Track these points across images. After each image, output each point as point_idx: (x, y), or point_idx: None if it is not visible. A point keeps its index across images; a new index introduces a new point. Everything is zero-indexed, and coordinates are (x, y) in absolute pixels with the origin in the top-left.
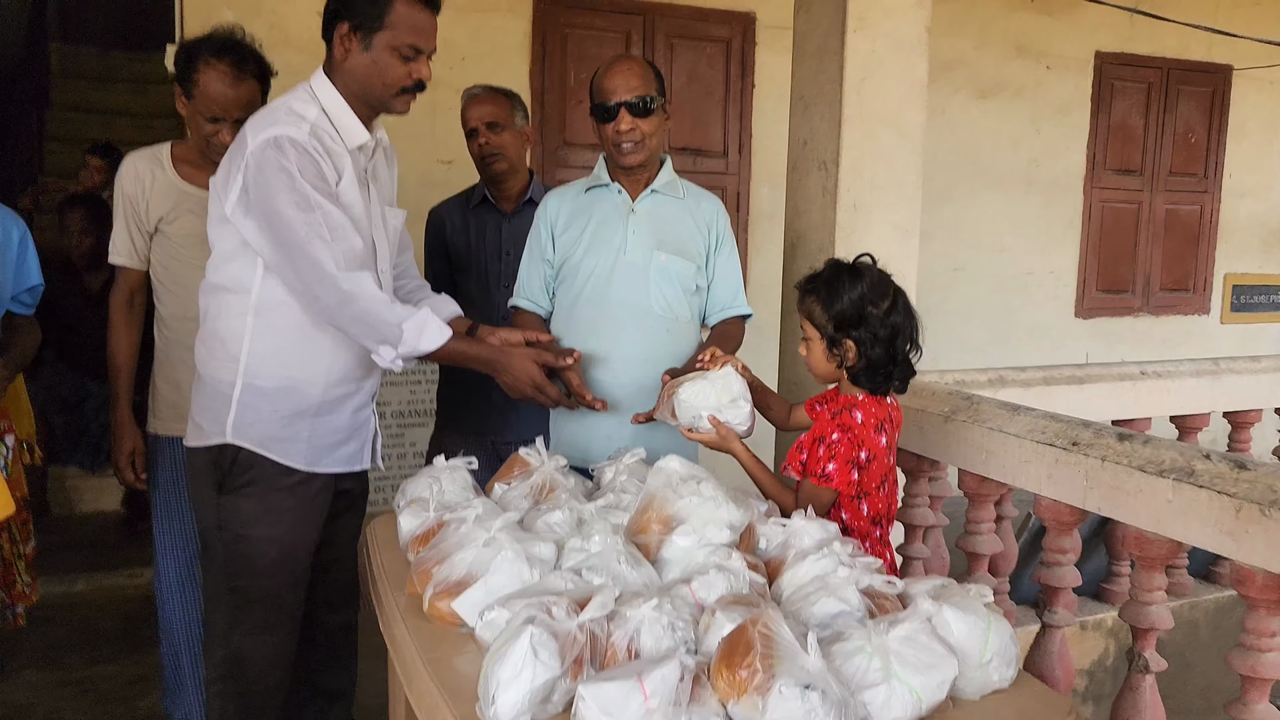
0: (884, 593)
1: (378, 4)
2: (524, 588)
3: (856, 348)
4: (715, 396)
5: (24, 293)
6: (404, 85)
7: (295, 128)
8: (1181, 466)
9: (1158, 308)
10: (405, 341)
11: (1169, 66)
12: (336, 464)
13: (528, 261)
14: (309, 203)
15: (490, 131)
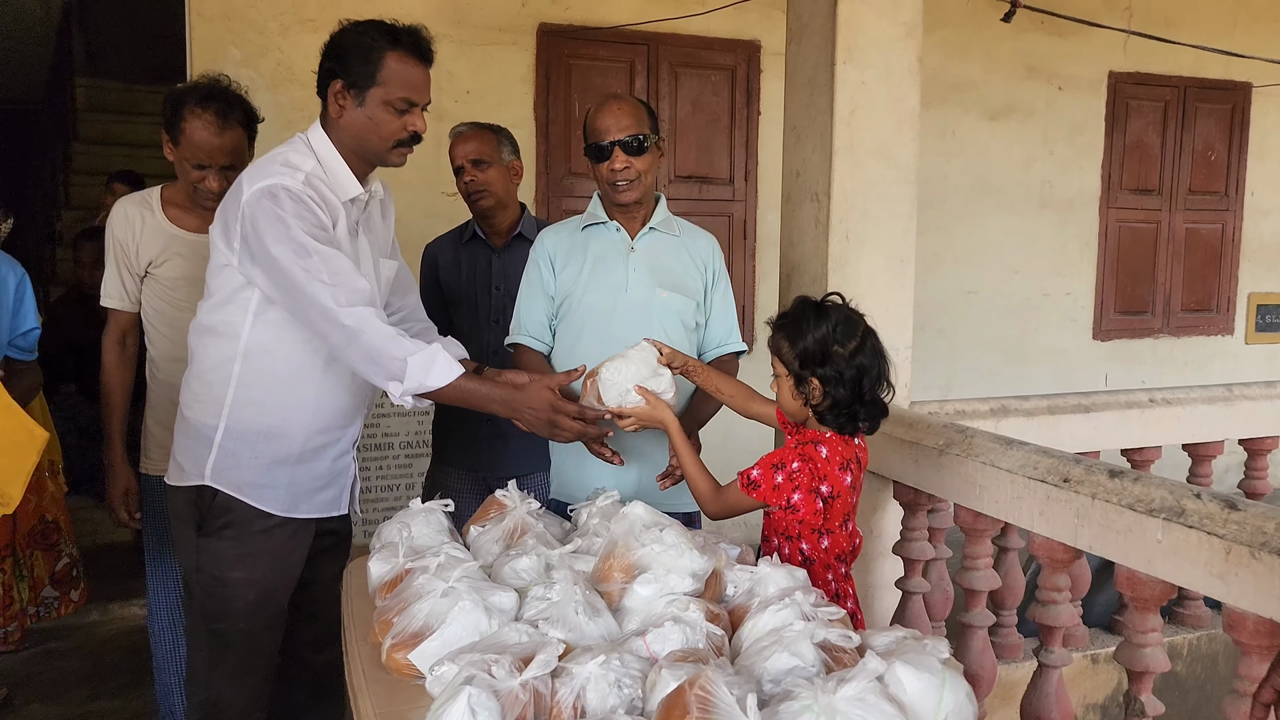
0: (841, 646)
1: (369, 61)
2: (478, 640)
3: (822, 386)
4: (635, 370)
5: (19, 337)
6: (399, 139)
7: (289, 177)
8: (1171, 506)
9: (1179, 329)
10: (410, 376)
11: (1185, 85)
12: (314, 510)
13: (528, 297)
14: (305, 249)
15: (476, 169)
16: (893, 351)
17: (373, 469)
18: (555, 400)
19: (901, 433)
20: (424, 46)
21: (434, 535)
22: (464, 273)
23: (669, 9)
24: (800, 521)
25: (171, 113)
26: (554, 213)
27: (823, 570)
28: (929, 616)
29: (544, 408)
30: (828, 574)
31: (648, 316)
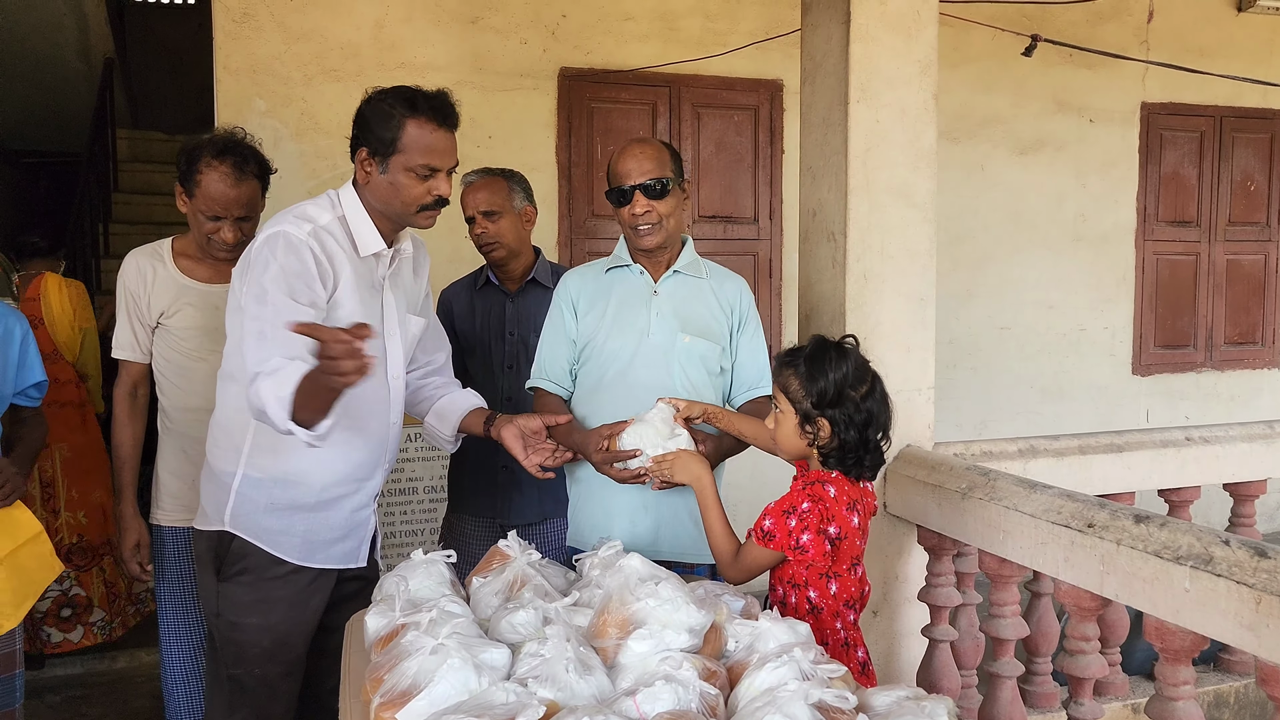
0: (838, 707)
1: (390, 129)
2: (464, 700)
3: (831, 428)
4: (654, 433)
5: (31, 388)
6: (423, 203)
7: (296, 227)
8: (1199, 553)
9: (1222, 362)
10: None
11: (1221, 114)
12: (330, 560)
13: (550, 342)
14: (265, 297)
15: (487, 220)
16: (915, 392)
17: (397, 515)
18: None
19: (924, 475)
20: (445, 111)
21: (434, 587)
22: (478, 319)
23: (690, 51)
24: (808, 566)
25: (187, 165)
26: (577, 255)
27: (831, 619)
28: (958, 665)
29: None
30: (836, 622)
31: (670, 361)
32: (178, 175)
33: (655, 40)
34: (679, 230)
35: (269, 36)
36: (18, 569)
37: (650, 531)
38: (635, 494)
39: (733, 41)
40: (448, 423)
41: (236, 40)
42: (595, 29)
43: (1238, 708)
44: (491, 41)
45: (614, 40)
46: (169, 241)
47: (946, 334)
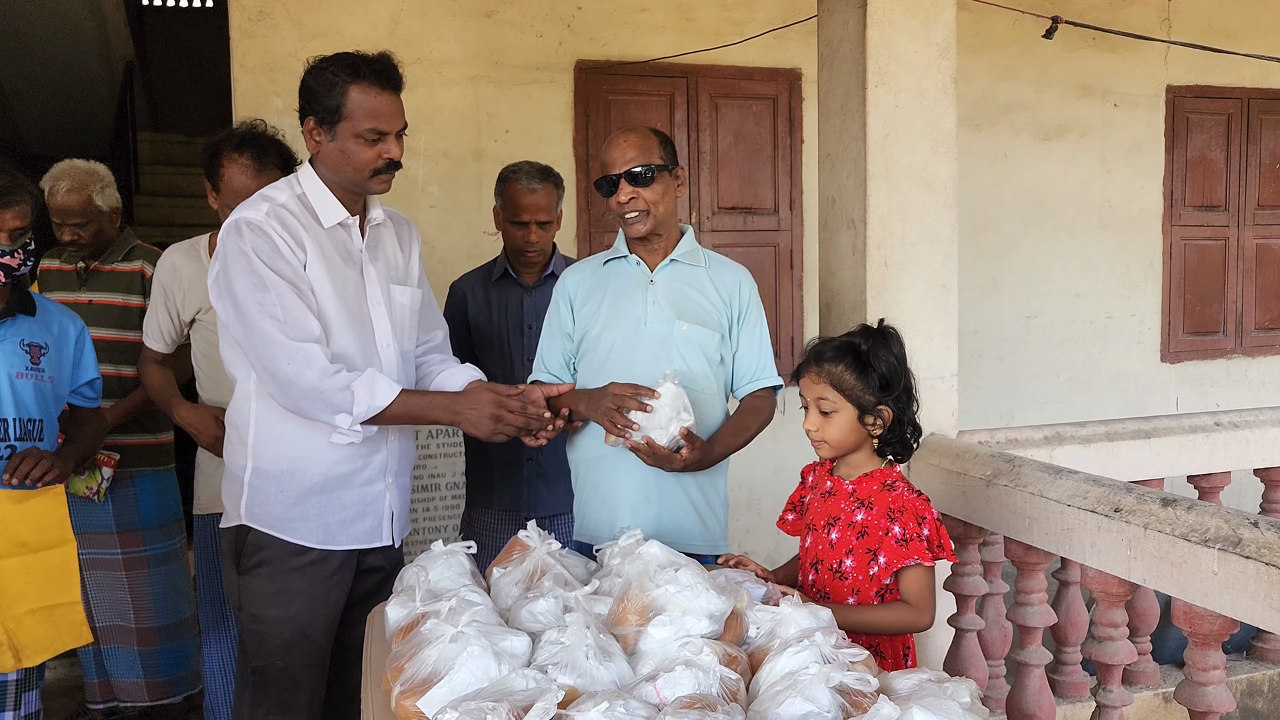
0: (860, 689)
1: (333, 95)
2: (483, 687)
3: (893, 413)
4: (663, 413)
5: (84, 386)
6: (375, 167)
7: (254, 210)
8: (1227, 535)
9: (1253, 348)
10: (358, 401)
11: (1249, 96)
12: (352, 540)
13: (547, 336)
14: (264, 283)
15: (541, 229)
16: (938, 380)
17: (419, 510)
18: (498, 397)
19: (948, 463)
20: (388, 74)
21: (455, 578)
22: (494, 312)
23: (706, 40)
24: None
25: (210, 161)
26: (595, 248)
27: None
28: (985, 655)
29: (486, 405)
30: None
31: (668, 349)
32: (204, 173)
33: (671, 31)
34: (670, 216)
35: (285, 34)
36: (50, 621)
37: (652, 522)
38: (637, 486)
39: (749, 30)
40: None
41: (253, 39)
42: (611, 20)
43: (1272, 695)
44: (507, 35)
45: (630, 31)
46: (205, 238)
47: (971, 323)
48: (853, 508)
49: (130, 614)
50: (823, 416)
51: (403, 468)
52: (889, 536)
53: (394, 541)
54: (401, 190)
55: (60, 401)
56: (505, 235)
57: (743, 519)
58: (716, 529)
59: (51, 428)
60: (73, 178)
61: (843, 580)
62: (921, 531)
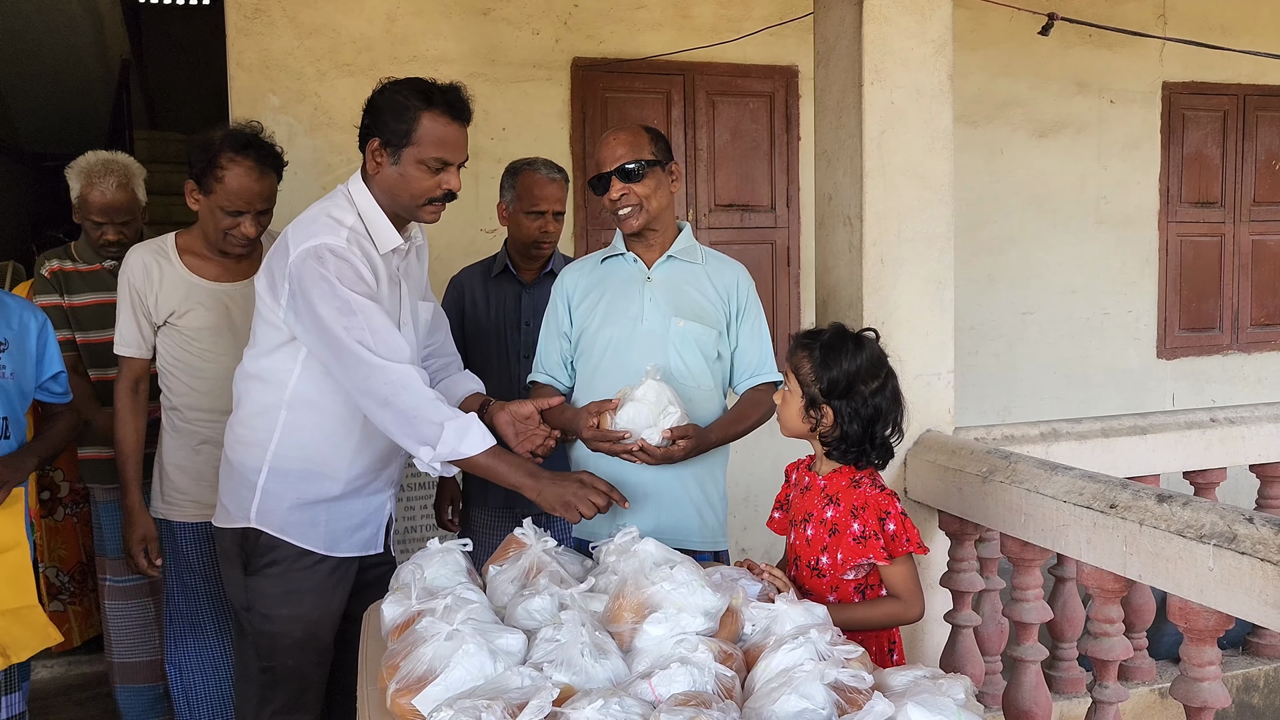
0: (854, 686)
1: (404, 120)
2: (479, 685)
3: (834, 418)
4: (648, 411)
5: (49, 380)
6: (432, 196)
7: (334, 235)
8: (1222, 531)
9: (1249, 344)
10: (445, 441)
11: (1245, 93)
12: (353, 548)
13: (545, 337)
14: (350, 308)
15: (555, 221)
16: (934, 377)
17: (417, 509)
18: (581, 485)
19: (945, 460)
20: (460, 106)
21: (450, 576)
22: (493, 308)
23: (703, 37)
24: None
25: (205, 161)
26: (593, 247)
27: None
28: (982, 650)
29: (570, 486)
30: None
31: (665, 346)
32: (190, 172)
33: (668, 28)
34: (665, 212)
35: (281, 32)
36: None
37: (651, 520)
38: (635, 483)
39: (746, 27)
40: None
41: (249, 36)
42: (608, 18)
43: (1268, 691)
44: (503, 32)
45: (627, 29)
46: (171, 238)
47: (968, 320)
48: (823, 503)
49: None
50: (783, 393)
51: (401, 478)
52: (848, 534)
53: (389, 550)
54: None
55: (26, 398)
56: (517, 228)
57: (740, 516)
58: (715, 525)
59: (18, 424)
60: (118, 173)
61: (821, 578)
62: (885, 528)
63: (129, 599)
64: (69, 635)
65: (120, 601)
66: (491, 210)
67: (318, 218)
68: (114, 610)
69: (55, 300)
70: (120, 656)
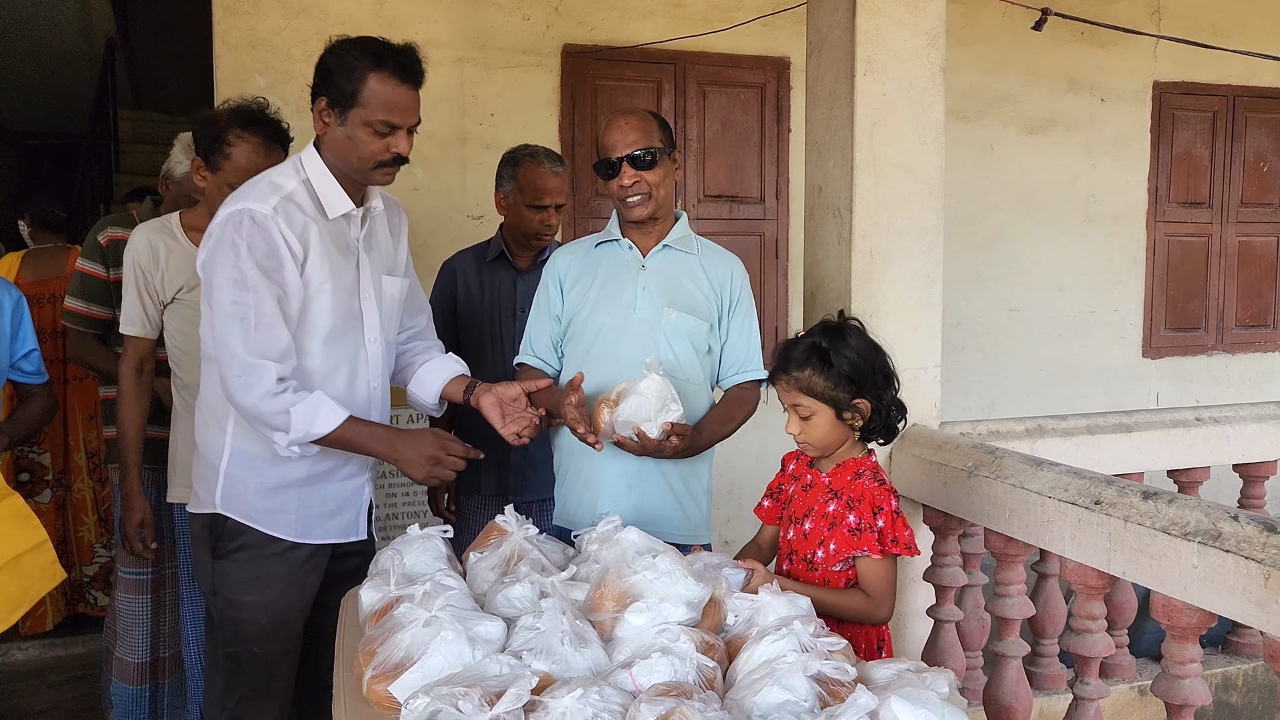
0: (837, 679)
1: (351, 81)
2: (457, 672)
3: (870, 404)
4: (649, 406)
5: (21, 359)
6: (380, 160)
7: (261, 201)
8: (1207, 529)
9: (1233, 345)
10: (295, 426)
11: (1235, 94)
12: (329, 535)
13: (535, 318)
14: (245, 282)
15: (557, 213)
16: (921, 371)
17: (399, 495)
18: (439, 440)
19: (930, 454)
20: (410, 67)
21: (430, 562)
22: (486, 294)
23: (695, 27)
24: None
25: (212, 138)
26: (580, 233)
27: None
28: (964, 646)
29: (426, 446)
30: None
31: (656, 336)
32: (198, 149)
33: (660, 16)
34: (669, 201)
35: (269, 11)
36: (18, 574)
37: (633, 510)
38: (619, 474)
39: (738, 17)
40: (430, 390)
41: (236, 15)
42: (599, 5)
43: (1246, 690)
44: (494, 17)
45: (618, 16)
46: (176, 216)
47: (955, 316)
48: (827, 499)
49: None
50: (803, 421)
51: (378, 461)
52: (844, 525)
53: (371, 535)
54: None
55: (3, 375)
56: (517, 218)
57: (724, 508)
58: (698, 518)
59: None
60: None
61: (814, 571)
62: (875, 523)
63: (131, 593)
64: (42, 619)
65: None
66: (479, 196)
67: (257, 182)
68: (122, 602)
69: (99, 270)
70: (120, 652)
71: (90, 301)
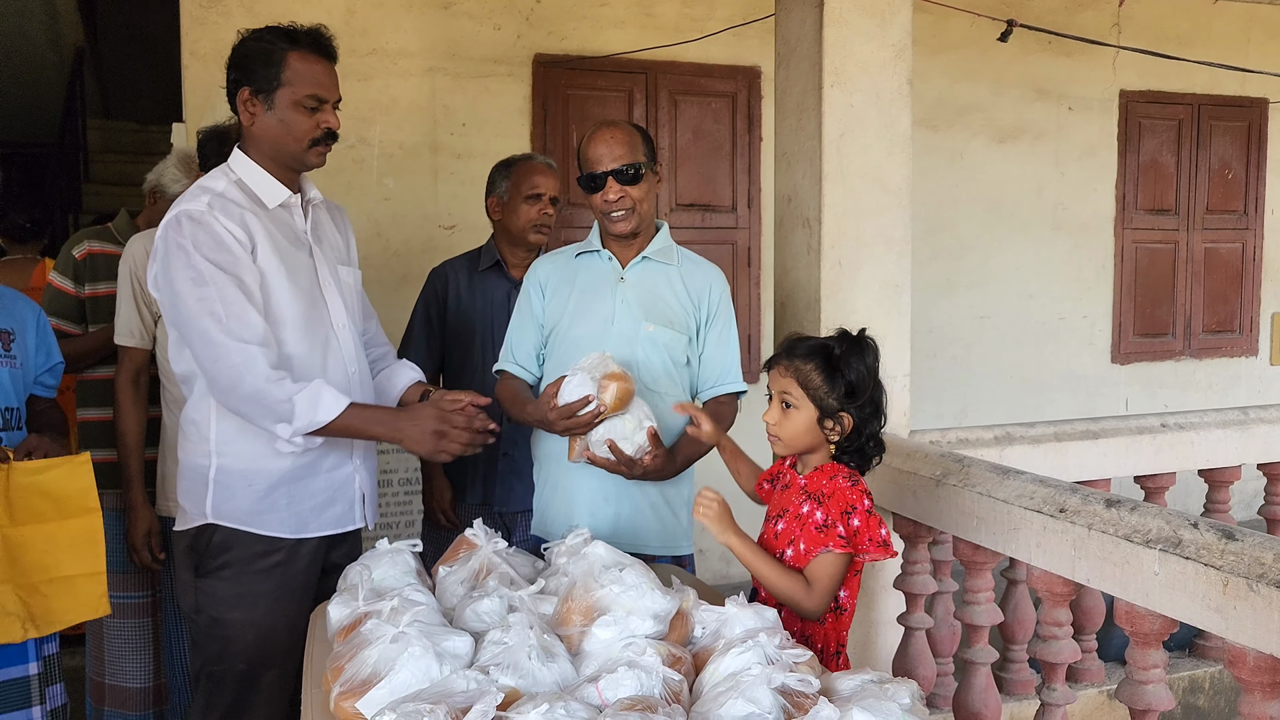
0: (801, 691)
1: (272, 64)
2: (423, 689)
3: (854, 422)
4: (625, 425)
5: (45, 373)
6: (313, 137)
7: (193, 202)
8: (1168, 536)
9: (1200, 350)
10: (299, 414)
11: (1200, 103)
12: (324, 526)
13: (518, 325)
14: (202, 277)
15: (552, 205)
16: (890, 380)
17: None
18: (440, 413)
19: (899, 463)
20: (324, 43)
21: (399, 577)
22: (479, 303)
23: (666, 37)
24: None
25: (217, 149)
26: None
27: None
28: (934, 653)
29: (428, 421)
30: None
31: (633, 349)
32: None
33: (631, 26)
34: (651, 214)
35: (238, 22)
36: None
37: (610, 522)
38: (596, 486)
39: (709, 27)
40: (388, 398)
41: (204, 26)
42: (570, 14)
43: (1213, 693)
44: (465, 27)
45: (589, 26)
46: None
47: (926, 323)
48: (801, 500)
49: None
50: (783, 411)
51: (369, 448)
52: (811, 523)
53: (367, 524)
54: (356, 182)
55: (29, 389)
56: (514, 216)
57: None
58: (676, 530)
59: (23, 417)
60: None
61: None
62: (849, 522)
63: (127, 617)
64: None
65: (118, 619)
66: (450, 206)
67: (191, 189)
68: (110, 627)
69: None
70: (113, 679)
71: (58, 317)
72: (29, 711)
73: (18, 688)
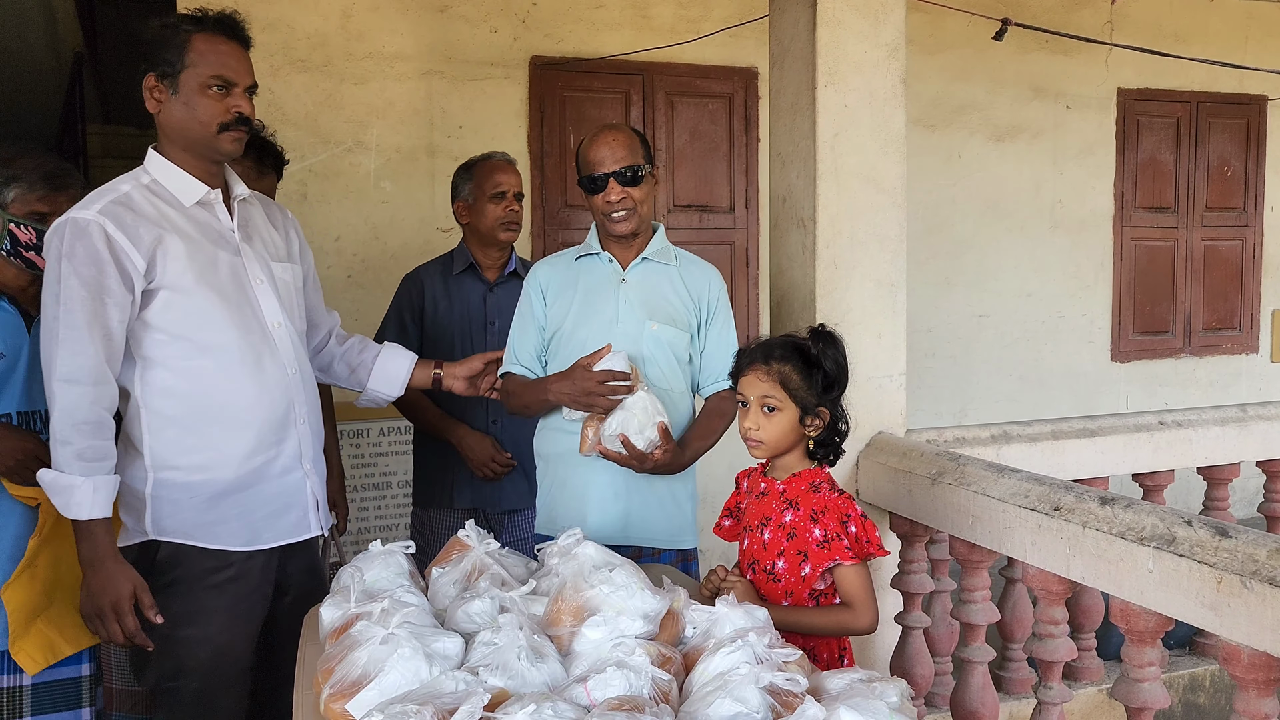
0: (790, 690)
1: (175, 45)
2: (413, 690)
3: (830, 417)
4: (637, 420)
5: None
6: (223, 121)
7: (85, 208)
8: (1162, 534)
9: (1200, 348)
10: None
11: (1198, 100)
12: (280, 536)
13: (520, 329)
14: (57, 298)
15: (517, 201)
16: (886, 379)
17: (370, 510)
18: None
19: (895, 462)
20: (233, 25)
21: (392, 578)
22: (455, 306)
23: (662, 38)
24: None
25: None
26: (550, 246)
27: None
28: (932, 651)
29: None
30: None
31: (638, 349)
32: None
33: (627, 28)
34: (650, 216)
35: None
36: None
37: (620, 517)
38: (607, 481)
39: (705, 28)
40: (396, 381)
41: None
42: (566, 17)
43: (1213, 691)
44: (461, 30)
45: (585, 28)
46: None
47: (924, 323)
48: (782, 508)
49: None
50: (764, 415)
51: (317, 453)
52: (811, 540)
53: (322, 531)
54: (353, 185)
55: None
56: (481, 216)
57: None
58: (682, 523)
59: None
60: None
61: (776, 582)
62: (847, 530)
63: None
64: None
65: None
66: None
67: (92, 191)
68: None
69: None
70: (119, 682)
71: None
72: (79, 712)
73: (71, 687)
